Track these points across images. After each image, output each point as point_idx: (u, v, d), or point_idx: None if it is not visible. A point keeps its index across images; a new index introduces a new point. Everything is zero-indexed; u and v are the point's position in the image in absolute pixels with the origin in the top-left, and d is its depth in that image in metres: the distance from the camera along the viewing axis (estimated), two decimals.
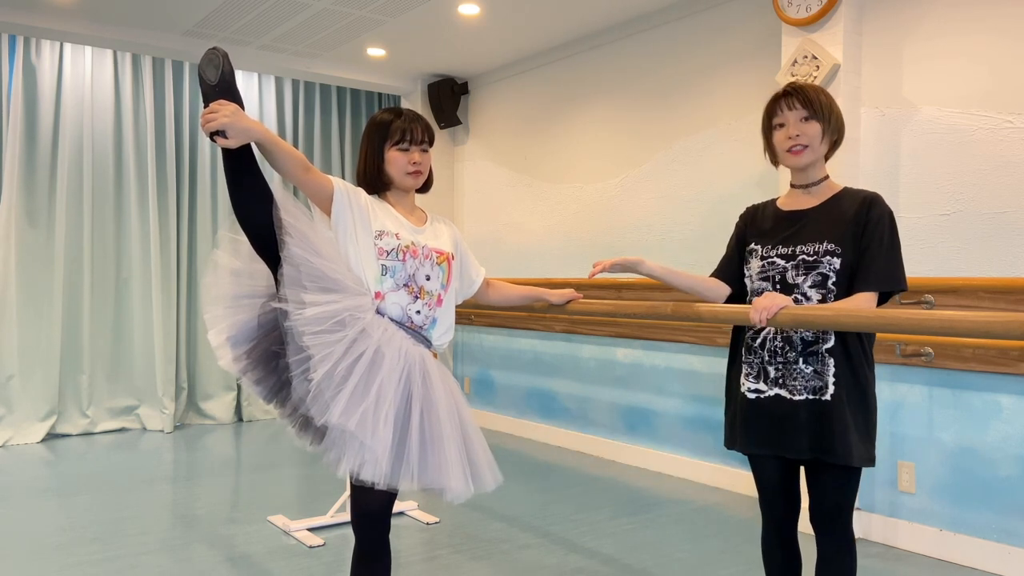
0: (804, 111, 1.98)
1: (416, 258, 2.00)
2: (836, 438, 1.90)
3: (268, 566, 3.15)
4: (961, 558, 3.23)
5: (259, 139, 1.82)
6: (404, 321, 1.98)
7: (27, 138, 5.48)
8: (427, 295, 2.02)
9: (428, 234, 2.09)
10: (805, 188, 2.06)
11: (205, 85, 1.87)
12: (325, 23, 4.90)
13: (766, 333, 2.00)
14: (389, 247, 1.96)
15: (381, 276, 1.95)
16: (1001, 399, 3.15)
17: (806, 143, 1.98)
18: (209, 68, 1.86)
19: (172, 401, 5.85)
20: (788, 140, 2.00)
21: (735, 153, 4.31)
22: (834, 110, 2.02)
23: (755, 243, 2.09)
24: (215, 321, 1.95)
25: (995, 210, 3.20)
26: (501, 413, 5.94)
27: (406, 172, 2.04)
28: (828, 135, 2.01)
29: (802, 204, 2.06)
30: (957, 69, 3.32)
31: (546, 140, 5.60)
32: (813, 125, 1.98)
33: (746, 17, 4.24)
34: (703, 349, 4.43)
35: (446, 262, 2.08)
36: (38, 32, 5.00)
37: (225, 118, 1.76)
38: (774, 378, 1.98)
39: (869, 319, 1.74)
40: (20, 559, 3.21)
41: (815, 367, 1.93)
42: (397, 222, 2.03)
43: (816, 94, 2.00)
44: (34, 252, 5.50)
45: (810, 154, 2.00)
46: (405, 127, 2.03)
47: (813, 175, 2.04)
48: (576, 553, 3.32)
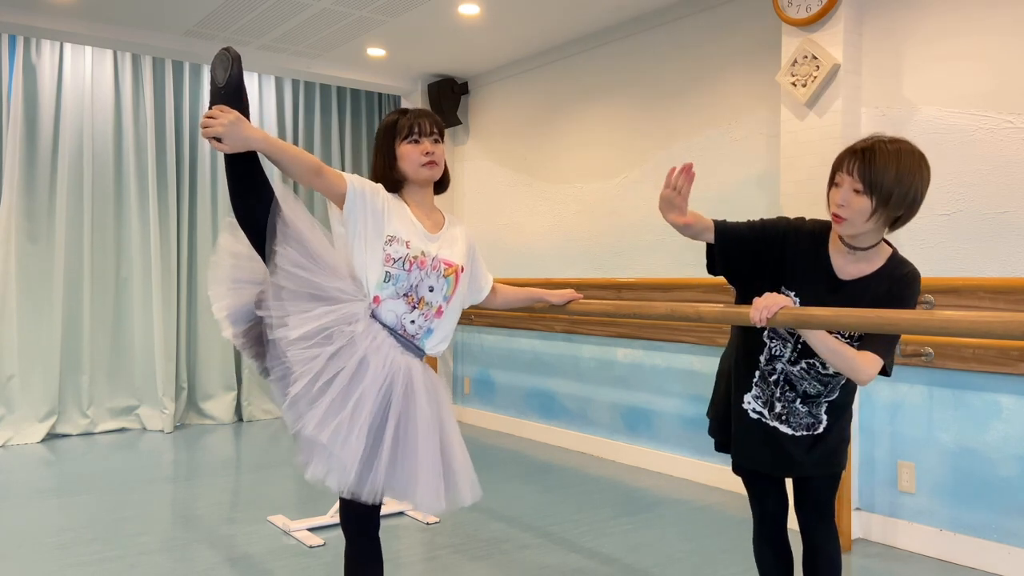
0: (859, 183, 1.78)
1: (423, 269, 1.96)
2: (831, 456, 2.05)
3: (268, 566, 3.15)
4: (961, 558, 3.23)
5: (259, 148, 1.79)
6: (397, 328, 1.95)
7: (27, 138, 5.48)
8: (426, 306, 1.98)
9: (442, 241, 2.03)
10: (852, 250, 1.90)
11: (213, 85, 1.86)
12: (325, 23, 4.90)
13: (779, 375, 2.01)
14: (397, 255, 1.92)
15: (383, 282, 1.92)
16: (1001, 399, 3.15)
17: (846, 216, 1.81)
18: (219, 69, 1.84)
19: (172, 401, 5.85)
20: (833, 205, 1.84)
21: (735, 153, 4.31)
22: (901, 185, 1.76)
23: (795, 294, 1.94)
24: (217, 298, 1.98)
25: (995, 210, 3.20)
26: (501, 413, 5.94)
27: (420, 164, 1.99)
28: (882, 214, 1.79)
29: (852, 272, 1.91)
30: (957, 69, 3.32)
31: (546, 140, 5.60)
32: (861, 200, 1.78)
33: (746, 17, 4.24)
34: (703, 349, 4.43)
35: (454, 274, 2.03)
36: (38, 32, 5.00)
37: (222, 127, 1.73)
38: (778, 413, 2.03)
39: (869, 319, 1.74)
40: (20, 559, 3.21)
41: (811, 409, 2.02)
42: (411, 227, 1.97)
43: (883, 169, 1.75)
44: (34, 252, 5.50)
45: (850, 227, 1.83)
46: (413, 121, 2.00)
47: (862, 241, 1.88)
48: (576, 553, 3.32)
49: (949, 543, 3.28)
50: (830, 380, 1.98)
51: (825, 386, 1.99)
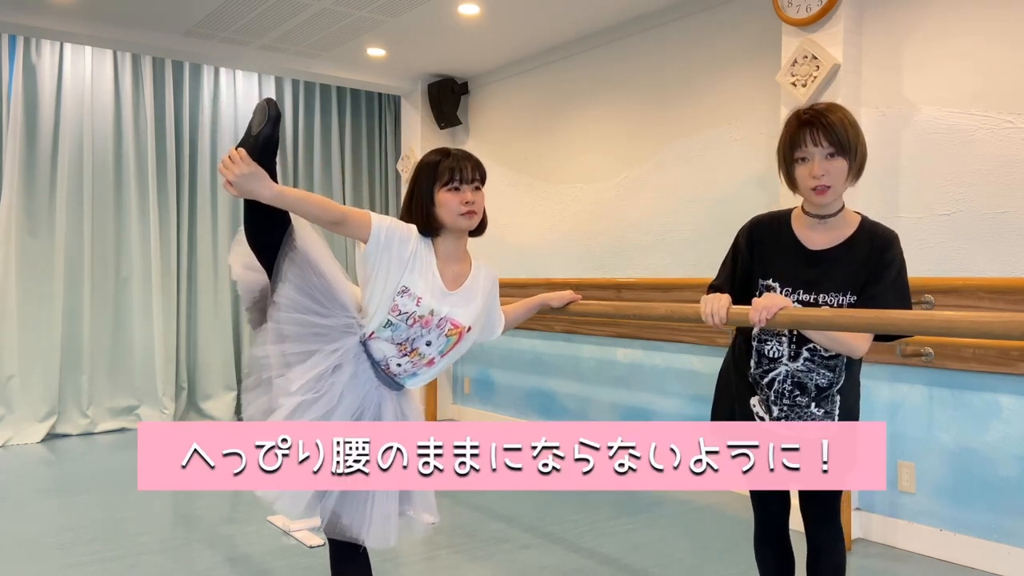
0: (830, 147, 1.83)
1: (426, 328, 1.92)
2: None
3: (268, 566, 3.15)
4: (961, 558, 3.23)
5: (269, 203, 1.77)
6: (381, 364, 1.94)
7: (27, 138, 5.48)
8: (418, 356, 1.95)
9: (457, 298, 1.97)
10: (821, 219, 1.93)
11: (248, 128, 1.85)
12: (325, 23, 4.89)
13: (775, 374, 1.99)
14: (405, 309, 1.89)
15: (383, 327, 1.90)
16: (1001, 399, 3.15)
17: (830, 183, 1.84)
18: (257, 116, 1.83)
19: (172, 401, 5.85)
20: (812, 179, 1.85)
21: (735, 153, 4.31)
22: (860, 141, 1.87)
23: (773, 280, 1.96)
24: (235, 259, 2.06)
25: (995, 210, 3.20)
26: (501, 413, 5.94)
27: (459, 213, 1.91)
28: (853, 171, 1.87)
29: (821, 241, 1.94)
30: (957, 69, 3.32)
31: (546, 140, 5.60)
32: (838, 162, 1.84)
33: (746, 17, 4.23)
34: (703, 349, 4.43)
35: (457, 335, 1.98)
36: (38, 32, 5.00)
37: (235, 177, 1.71)
38: (776, 416, 2.00)
39: (868, 320, 1.74)
40: (20, 559, 3.21)
41: (826, 408, 1.97)
42: (430, 284, 1.92)
43: (844, 126, 1.83)
44: (34, 252, 5.49)
45: (833, 194, 1.86)
46: (454, 166, 1.92)
47: (831, 207, 1.92)
48: (576, 553, 3.32)
49: (949, 543, 3.28)
50: (835, 362, 1.95)
51: (833, 371, 1.96)
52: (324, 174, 6.69)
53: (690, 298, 4.48)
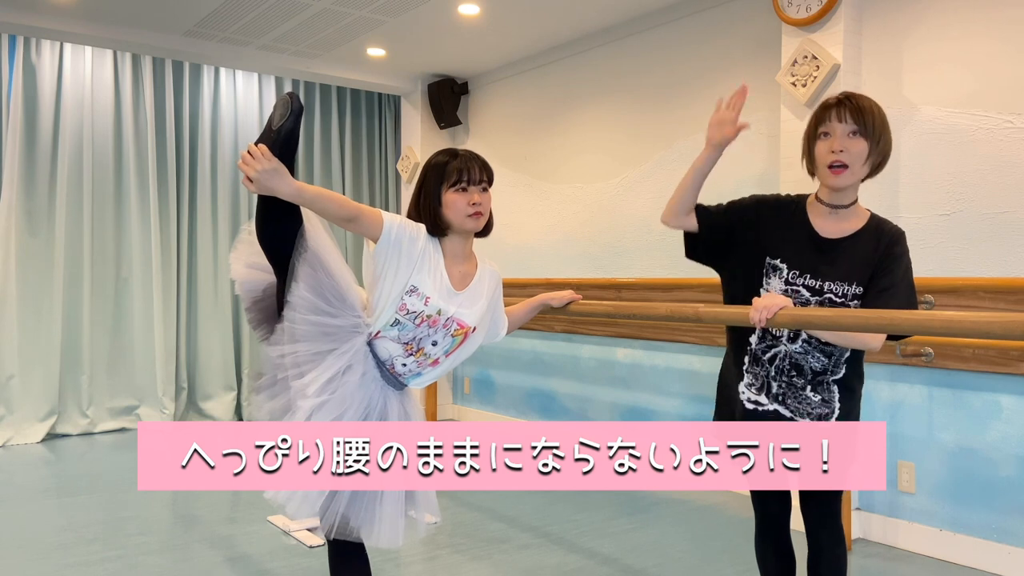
0: (854, 125, 1.85)
1: (433, 327, 1.93)
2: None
3: (268, 566, 3.15)
4: (961, 558, 3.23)
5: (289, 199, 1.77)
6: (387, 363, 1.94)
7: (27, 138, 5.48)
8: (423, 356, 1.96)
9: (464, 298, 1.98)
10: (834, 209, 1.95)
11: (268, 123, 1.84)
12: (325, 23, 4.90)
13: (776, 351, 1.99)
14: (413, 308, 1.89)
15: (390, 325, 1.90)
16: (1001, 399, 3.15)
17: (848, 161, 1.86)
18: (279, 110, 1.82)
19: (172, 401, 5.85)
20: (831, 154, 1.87)
21: (735, 153, 4.29)
22: (885, 130, 1.88)
23: (780, 261, 1.98)
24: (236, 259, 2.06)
25: (995, 210, 3.20)
26: (501, 413, 5.94)
27: (466, 215, 1.93)
28: (872, 156, 1.87)
29: (834, 230, 1.96)
30: (957, 69, 3.32)
31: (546, 140, 5.60)
32: (859, 142, 1.85)
33: (746, 17, 4.23)
34: (703, 349, 4.43)
35: (463, 335, 2.00)
36: (38, 32, 5.00)
37: (255, 173, 1.70)
38: (776, 394, 2.00)
39: (868, 319, 1.74)
40: (20, 559, 3.21)
41: (823, 396, 1.97)
42: (438, 283, 1.93)
43: (872, 111, 1.86)
44: (34, 252, 5.49)
45: (849, 176, 1.88)
46: (462, 167, 1.93)
47: (845, 198, 1.93)
48: (576, 553, 3.32)
49: (949, 543, 3.28)
50: (832, 348, 1.96)
51: (829, 357, 1.96)
52: (324, 174, 6.68)
53: (690, 298, 4.51)
